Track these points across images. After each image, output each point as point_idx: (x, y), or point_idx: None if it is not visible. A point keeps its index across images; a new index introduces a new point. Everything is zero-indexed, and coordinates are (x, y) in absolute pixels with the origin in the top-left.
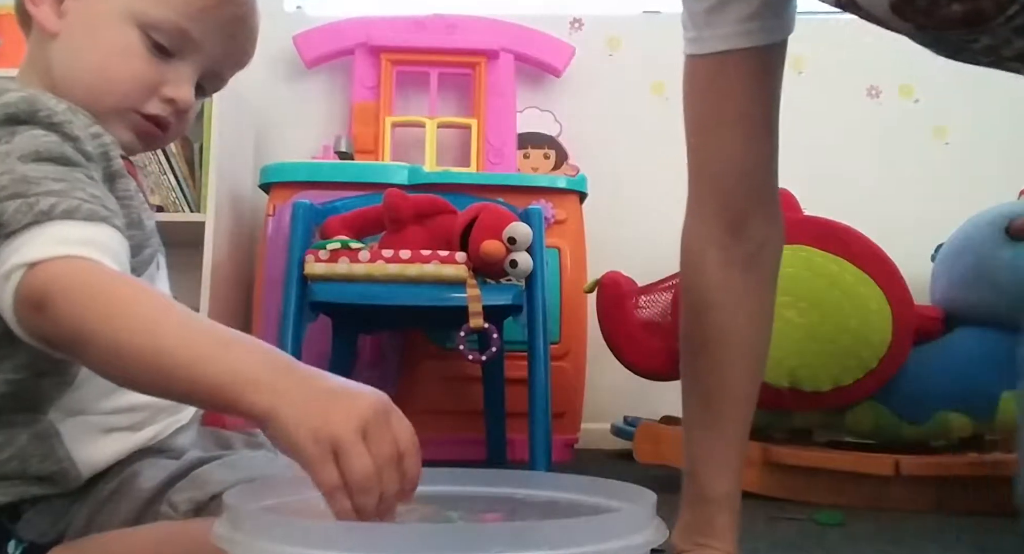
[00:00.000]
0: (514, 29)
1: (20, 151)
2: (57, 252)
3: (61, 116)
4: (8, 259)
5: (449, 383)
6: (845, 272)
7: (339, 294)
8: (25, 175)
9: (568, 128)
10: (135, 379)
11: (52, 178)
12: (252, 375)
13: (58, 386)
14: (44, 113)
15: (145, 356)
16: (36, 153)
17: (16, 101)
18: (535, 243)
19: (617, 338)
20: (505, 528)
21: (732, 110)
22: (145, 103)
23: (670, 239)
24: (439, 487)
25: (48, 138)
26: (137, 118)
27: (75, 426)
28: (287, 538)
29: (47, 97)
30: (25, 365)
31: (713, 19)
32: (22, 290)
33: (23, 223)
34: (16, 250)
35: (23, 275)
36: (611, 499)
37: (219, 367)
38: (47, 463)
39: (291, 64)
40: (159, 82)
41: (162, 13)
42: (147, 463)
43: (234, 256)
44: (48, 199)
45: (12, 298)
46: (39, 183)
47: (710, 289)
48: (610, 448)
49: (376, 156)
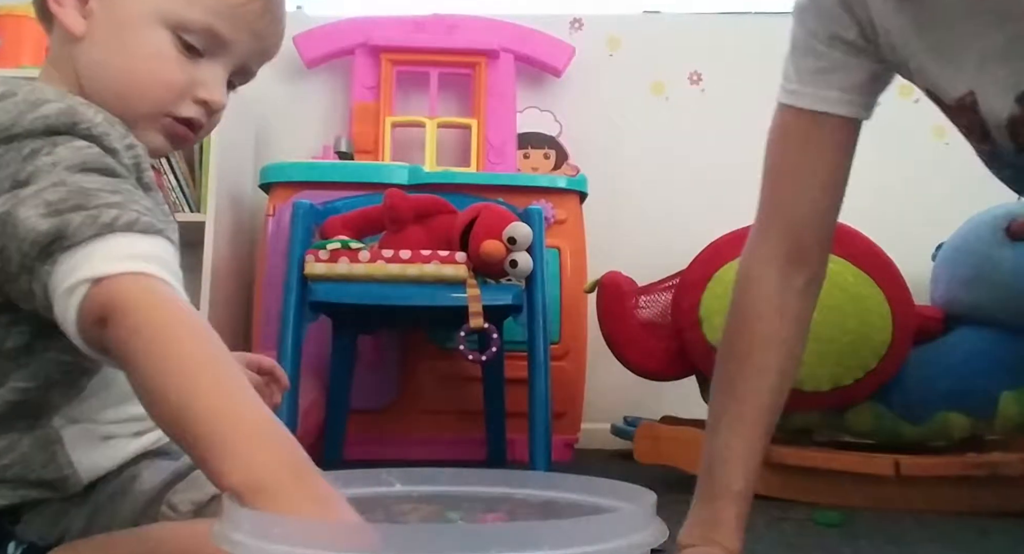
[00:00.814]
0: (514, 29)
1: (66, 162)
2: (123, 268)
3: (100, 128)
4: (73, 272)
5: (449, 383)
6: (845, 272)
7: (339, 294)
8: (82, 186)
9: (568, 128)
10: (154, 415)
11: (107, 190)
12: (261, 482)
13: (66, 396)
14: (84, 125)
15: (169, 404)
16: (83, 164)
17: (55, 113)
18: (535, 243)
19: (617, 338)
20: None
21: (818, 164)
22: (178, 106)
23: (670, 239)
24: (439, 487)
25: (90, 150)
26: (169, 121)
27: (78, 433)
28: (287, 538)
29: (84, 107)
30: (37, 375)
31: (819, 80)
32: (86, 305)
33: (87, 235)
34: (80, 264)
35: (88, 290)
36: (611, 499)
37: (232, 462)
38: (49, 469)
39: (291, 64)
40: (191, 84)
41: (192, 13)
42: (146, 465)
43: (234, 256)
44: (109, 211)
45: (76, 312)
46: (96, 195)
47: (763, 302)
48: (610, 448)
49: (376, 156)
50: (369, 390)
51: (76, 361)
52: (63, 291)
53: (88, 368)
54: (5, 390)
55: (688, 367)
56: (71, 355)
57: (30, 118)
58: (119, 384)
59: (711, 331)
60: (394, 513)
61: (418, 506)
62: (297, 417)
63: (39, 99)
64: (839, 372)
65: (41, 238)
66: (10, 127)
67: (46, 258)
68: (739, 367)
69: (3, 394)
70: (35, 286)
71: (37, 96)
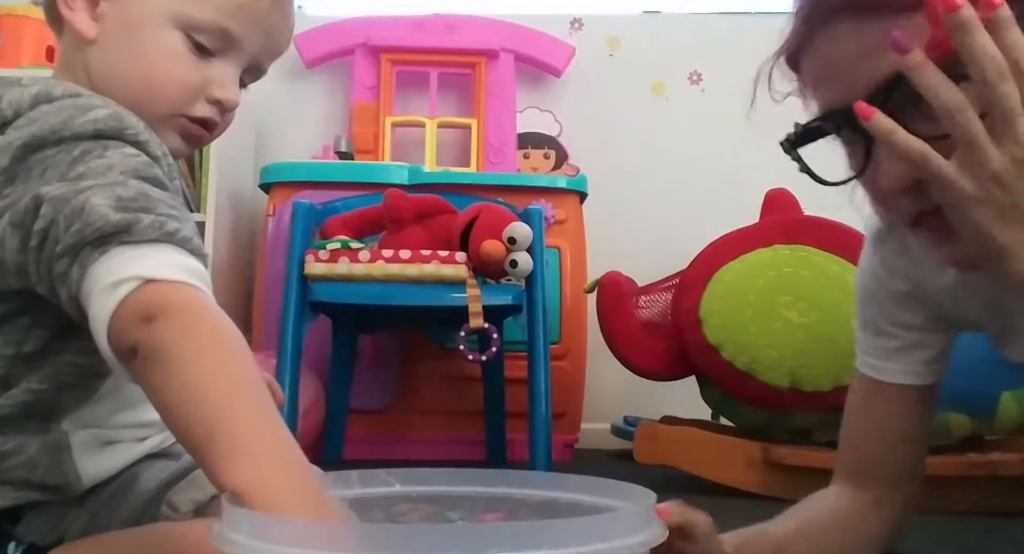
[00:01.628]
0: (514, 29)
1: (121, 166)
2: (177, 276)
3: (144, 135)
4: (126, 267)
5: (449, 383)
6: (845, 272)
7: (339, 294)
8: (147, 192)
9: (568, 128)
10: (174, 415)
11: (167, 203)
12: (267, 485)
13: (78, 399)
14: (131, 131)
15: (208, 405)
16: (136, 171)
17: (105, 118)
18: (535, 243)
19: (617, 338)
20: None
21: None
22: (192, 106)
23: (670, 239)
24: (439, 487)
25: (139, 158)
26: (184, 122)
27: (86, 438)
28: (287, 538)
29: (128, 114)
30: (50, 377)
31: (902, 357)
32: (133, 299)
33: (150, 237)
34: (135, 260)
35: (137, 286)
36: (611, 499)
37: (246, 464)
38: (53, 474)
39: (291, 64)
40: (204, 83)
41: (203, 13)
42: (147, 465)
43: (234, 256)
44: (172, 222)
45: (118, 304)
46: (160, 204)
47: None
48: (610, 448)
49: (376, 156)
50: (369, 390)
51: (90, 364)
52: (109, 283)
53: (101, 371)
54: (18, 391)
55: (688, 367)
56: (85, 357)
57: (80, 122)
58: (128, 389)
59: (711, 331)
60: (394, 513)
61: (418, 506)
62: (297, 417)
63: (88, 104)
64: (839, 372)
65: (108, 227)
66: (60, 130)
67: (99, 246)
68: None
69: (16, 395)
70: (74, 269)
71: (85, 102)
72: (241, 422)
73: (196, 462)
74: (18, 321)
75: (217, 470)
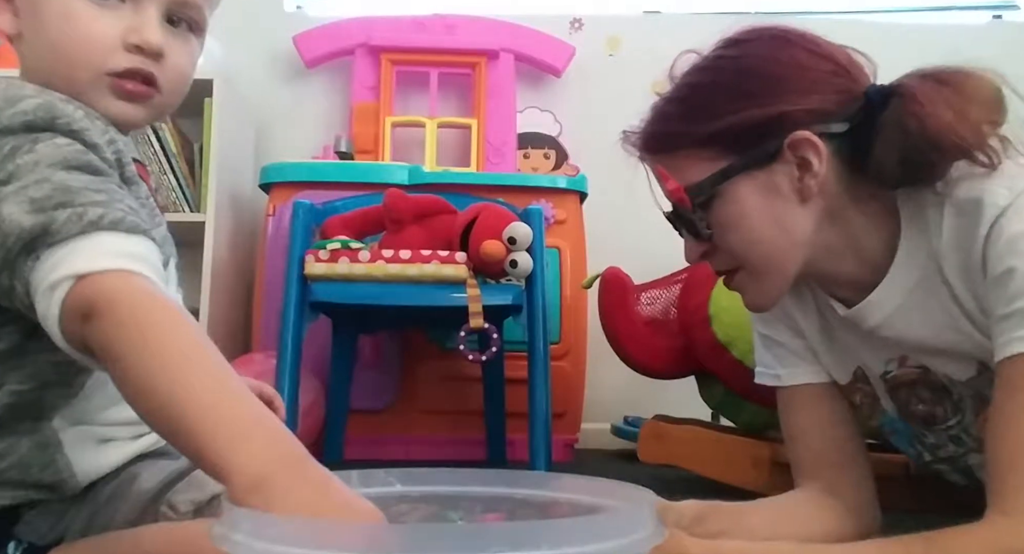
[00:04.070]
0: (514, 29)
1: (48, 160)
2: (108, 265)
3: (79, 123)
4: (56, 269)
5: (449, 383)
6: None
7: (339, 294)
8: (66, 184)
9: (568, 128)
10: (141, 410)
11: (92, 188)
12: (257, 472)
13: (64, 397)
14: (63, 120)
15: (158, 398)
16: (65, 161)
17: (34, 108)
18: (535, 243)
19: (619, 335)
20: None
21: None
22: (110, 60)
23: (670, 239)
24: (439, 487)
25: (72, 147)
26: (113, 80)
27: (77, 435)
28: (286, 538)
29: (63, 103)
30: (32, 376)
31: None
32: (70, 300)
33: (72, 232)
34: (64, 260)
35: (72, 286)
36: (611, 499)
37: (227, 454)
38: (47, 473)
39: (291, 64)
40: (114, 32)
41: None
42: (146, 464)
43: (234, 256)
44: (95, 209)
45: (59, 308)
46: (81, 193)
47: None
48: (610, 448)
49: (376, 156)
50: (369, 390)
51: (70, 361)
52: (46, 287)
53: (83, 367)
54: (1, 393)
55: (690, 366)
56: (64, 354)
57: (8, 114)
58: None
59: (720, 329)
60: (393, 513)
61: (418, 506)
62: (297, 417)
63: (17, 95)
64: None
65: (25, 234)
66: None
67: (28, 254)
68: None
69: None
70: (16, 283)
71: (15, 92)
72: (195, 405)
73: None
74: None
75: (191, 452)
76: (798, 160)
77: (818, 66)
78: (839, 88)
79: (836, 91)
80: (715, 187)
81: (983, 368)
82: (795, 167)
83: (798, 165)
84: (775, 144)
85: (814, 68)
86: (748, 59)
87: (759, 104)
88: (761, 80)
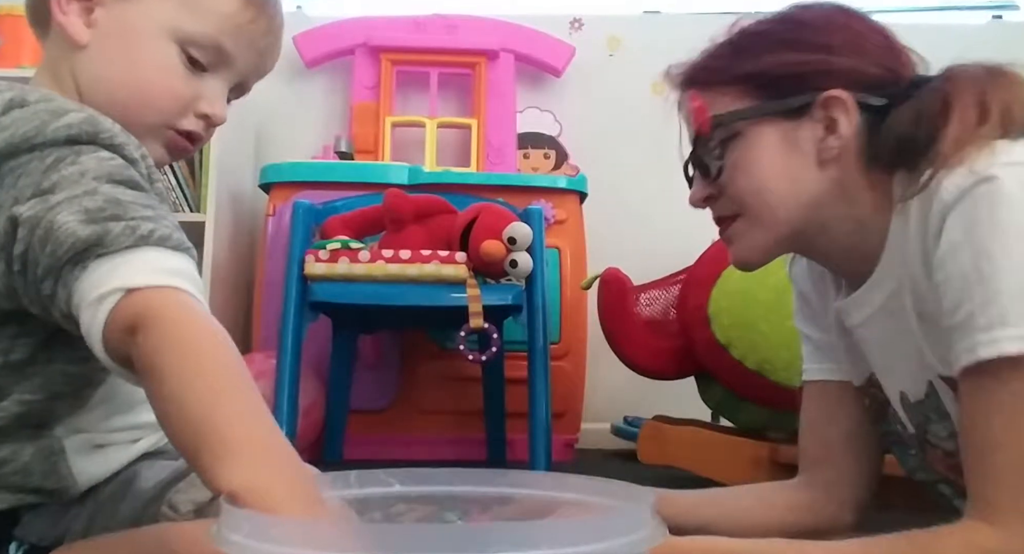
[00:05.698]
0: (514, 29)
1: (94, 172)
2: (157, 281)
3: (120, 138)
4: (106, 280)
5: (449, 383)
6: None
7: (339, 294)
8: (116, 197)
9: (568, 128)
10: (170, 423)
11: (140, 204)
12: (260, 487)
13: (71, 408)
14: (105, 135)
15: (191, 413)
16: (110, 175)
17: (79, 122)
18: (535, 243)
19: (619, 335)
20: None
21: (836, 414)
22: (181, 119)
23: (670, 239)
24: (439, 487)
25: (114, 161)
26: (171, 134)
27: (78, 442)
28: (286, 538)
29: (103, 117)
30: (42, 387)
31: (818, 357)
32: (117, 313)
33: (124, 245)
34: (113, 272)
35: (120, 298)
36: (611, 499)
37: (237, 469)
38: (50, 479)
39: (291, 64)
40: (195, 98)
41: (200, 28)
42: (146, 464)
43: (234, 256)
44: (147, 224)
45: (105, 319)
46: (131, 207)
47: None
48: (610, 448)
49: (376, 156)
50: (369, 390)
51: (82, 373)
52: (94, 298)
53: (93, 380)
54: (10, 402)
55: (690, 367)
56: (77, 366)
57: (53, 127)
58: (124, 394)
59: (720, 330)
60: (392, 513)
61: (417, 506)
62: (297, 417)
63: (60, 108)
64: None
65: (79, 244)
66: (33, 136)
67: (77, 263)
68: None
69: (8, 407)
70: (59, 290)
71: (59, 105)
72: (226, 428)
73: (193, 469)
74: (3, 330)
75: (208, 477)
76: (827, 120)
77: (871, 38)
78: (886, 64)
79: (882, 65)
80: (738, 122)
81: (931, 389)
82: (822, 127)
83: (826, 126)
84: (809, 97)
85: (867, 37)
86: (805, 14)
87: (803, 52)
88: (812, 31)
